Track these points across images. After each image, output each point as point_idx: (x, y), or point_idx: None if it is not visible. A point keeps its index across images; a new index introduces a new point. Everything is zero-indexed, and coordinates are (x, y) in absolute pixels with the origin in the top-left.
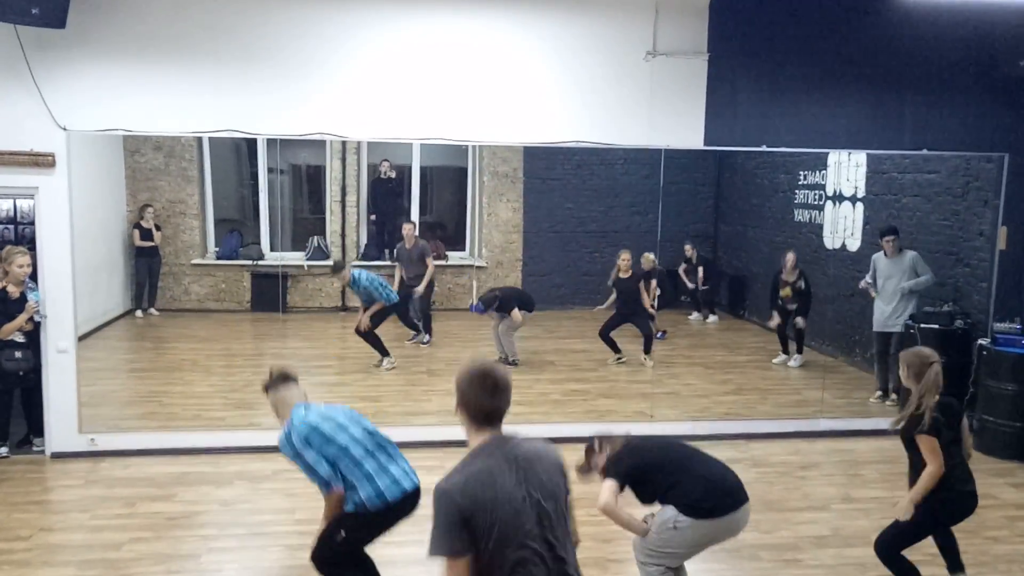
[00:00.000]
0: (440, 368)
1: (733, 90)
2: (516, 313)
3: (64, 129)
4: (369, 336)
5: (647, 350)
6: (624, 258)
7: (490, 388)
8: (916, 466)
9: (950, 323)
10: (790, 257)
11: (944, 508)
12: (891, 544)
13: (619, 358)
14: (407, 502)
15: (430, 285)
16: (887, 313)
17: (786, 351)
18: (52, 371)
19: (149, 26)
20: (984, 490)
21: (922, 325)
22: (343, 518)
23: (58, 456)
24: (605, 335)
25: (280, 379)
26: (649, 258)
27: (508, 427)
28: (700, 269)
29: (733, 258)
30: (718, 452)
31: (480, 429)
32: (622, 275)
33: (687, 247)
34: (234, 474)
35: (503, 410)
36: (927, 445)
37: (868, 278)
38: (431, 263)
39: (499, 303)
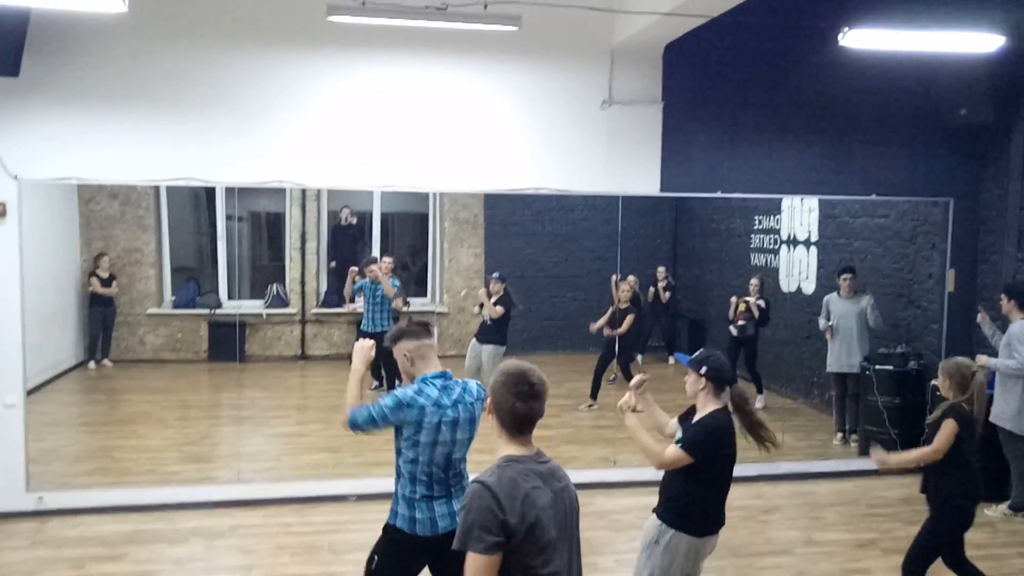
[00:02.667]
0: None
1: (688, 137)
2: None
3: (16, 178)
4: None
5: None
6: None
7: (525, 392)
8: (933, 470)
9: (904, 364)
10: (754, 282)
11: (963, 512)
12: (916, 559)
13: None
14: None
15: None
16: (844, 354)
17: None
18: None
19: (105, 74)
20: None
21: (877, 366)
22: (384, 533)
23: (3, 516)
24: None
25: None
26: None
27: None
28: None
29: (692, 302)
30: None
31: (512, 438)
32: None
33: (660, 269)
34: (189, 531)
35: (537, 417)
36: (947, 428)
37: (824, 320)
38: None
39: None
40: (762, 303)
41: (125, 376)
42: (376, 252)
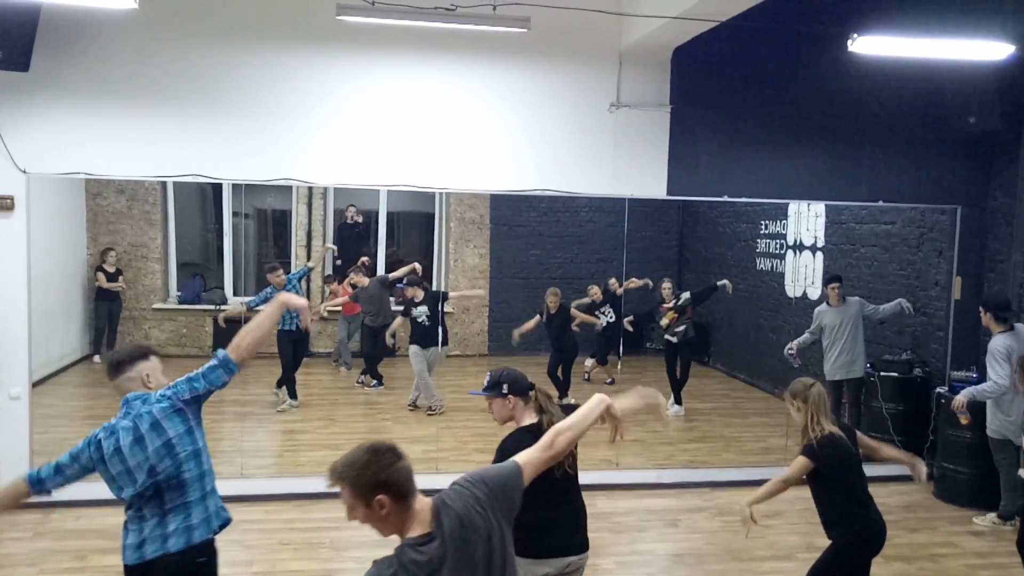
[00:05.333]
0: (404, 416)
1: (695, 141)
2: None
3: (24, 172)
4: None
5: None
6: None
7: (394, 454)
8: (819, 498)
9: (909, 371)
10: (666, 285)
11: (865, 536)
12: None
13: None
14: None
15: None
16: (843, 361)
17: (678, 400)
18: (4, 418)
19: (114, 70)
20: (944, 538)
21: (882, 373)
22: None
23: None
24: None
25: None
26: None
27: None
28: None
29: (697, 306)
30: (684, 501)
31: (409, 511)
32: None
33: (612, 281)
34: None
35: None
36: (798, 463)
37: (806, 338)
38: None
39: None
40: (686, 294)
41: None
42: (382, 250)
